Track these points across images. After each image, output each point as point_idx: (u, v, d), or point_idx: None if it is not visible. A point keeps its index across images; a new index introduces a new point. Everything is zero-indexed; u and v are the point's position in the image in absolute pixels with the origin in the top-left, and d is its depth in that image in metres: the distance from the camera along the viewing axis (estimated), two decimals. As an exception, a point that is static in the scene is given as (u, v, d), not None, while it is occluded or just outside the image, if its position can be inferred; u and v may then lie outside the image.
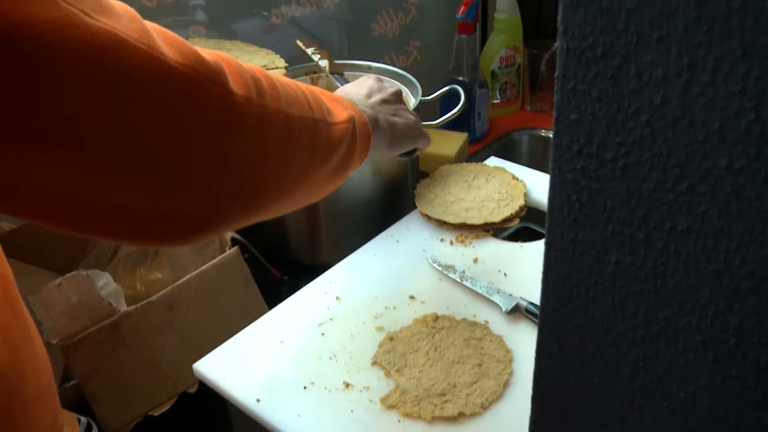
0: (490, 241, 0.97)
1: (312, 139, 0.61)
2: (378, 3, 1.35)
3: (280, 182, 0.57)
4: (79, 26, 0.39)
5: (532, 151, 1.55)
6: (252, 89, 0.52)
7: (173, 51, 0.45)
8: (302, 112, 0.59)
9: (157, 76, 0.43)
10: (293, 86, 0.60)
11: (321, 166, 0.64)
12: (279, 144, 0.55)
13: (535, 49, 1.52)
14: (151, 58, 0.43)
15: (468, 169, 1.09)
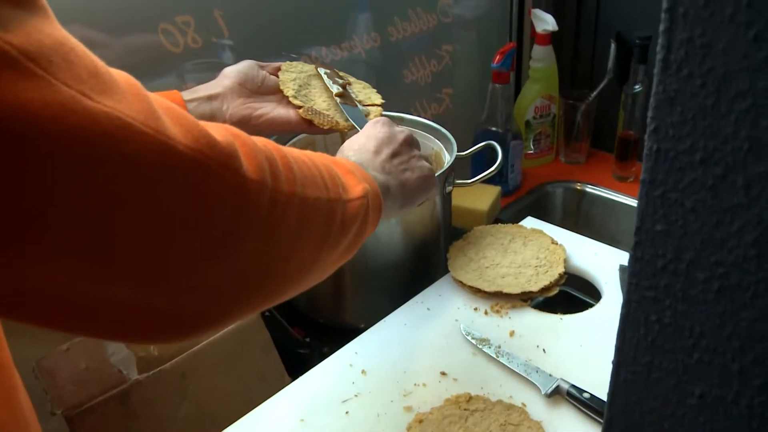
0: (528, 312, 0.91)
1: (327, 221, 0.57)
2: (411, 50, 1.31)
3: (289, 270, 0.53)
4: (78, 111, 0.35)
5: (566, 204, 1.49)
6: (266, 172, 0.48)
7: (182, 133, 0.41)
8: (318, 192, 0.55)
9: (164, 164, 0.39)
10: (309, 163, 0.56)
11: (334, 247, 0.59)
12: (292, 231, 0.51)
13: (570, 99, 1.47)
14: (158, 144, 0.39)
15: (504, 231, 1.03)
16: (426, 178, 0.78)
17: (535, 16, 1.42)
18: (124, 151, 0.37)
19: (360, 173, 0.65)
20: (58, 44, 0.36)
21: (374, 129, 0.78)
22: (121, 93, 0.39)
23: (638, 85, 1.36)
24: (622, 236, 1.44)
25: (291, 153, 0.54)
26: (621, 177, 1.46)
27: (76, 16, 0.87)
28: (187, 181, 0.41)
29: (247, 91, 0.90)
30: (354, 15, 1.21)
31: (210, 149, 0.42)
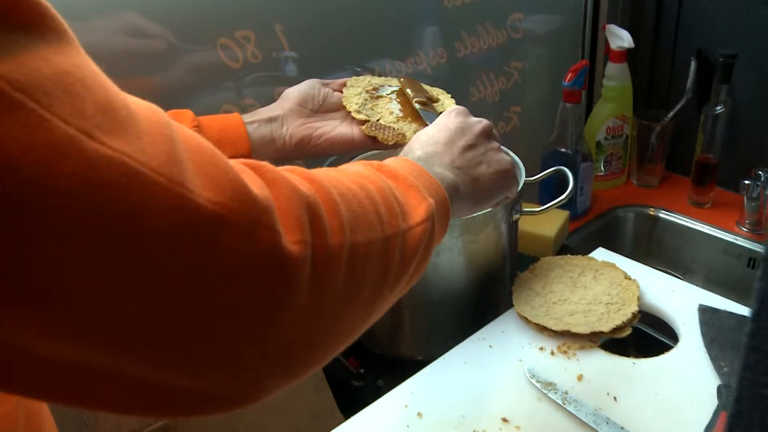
0: (597, 354, 0.84)
1: (383, 263, 0.50)
2: (479, 66, 1.26)
3: (340, 328, 0.46)
4: (72, 154, 0.30)
5: (637, 230, 1.41)
6: (306, 230, 0.40)
7: (207, 182, 0.35)
8: (371, 234, 0.48)
9: (177, 219, 0.33)
10: (360, 196, 0.49)
11: (394, 286, 0.52)
12: (340, 289, 0.44)
13: (645, 120, 1.39)
14: (171, 195, 0.33)
15: (573, 264, 0.96)
16: (504, 173, 0.71)
17: (610, 32, 1.35)
18: (127, 204, 0.31)
19: (424, 183, 0.59)
20: (61, 73, 0.31)
21: (447, 119, 0.72)
22: (137, 132, 0.33)
23: (720, 106, 1.28)
24: (697, 266, 1.36)
25: (339, 188, 0.47)
26: (697, 203, 1.38)
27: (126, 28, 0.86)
28: (206, 241, 0.34)
29: (307, 111, 0.87)
30: (420, 29, 1.17)
31: (239, 203, 0.36)
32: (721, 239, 1.30)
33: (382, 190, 0.52)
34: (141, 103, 0.36)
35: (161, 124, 0.35)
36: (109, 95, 0.33)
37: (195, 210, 0.34)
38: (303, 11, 0.99)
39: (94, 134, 0.31)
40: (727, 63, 1.25)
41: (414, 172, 0.59)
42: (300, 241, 0.39)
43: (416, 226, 0.54)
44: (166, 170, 0.33)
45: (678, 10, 1.37)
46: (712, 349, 0.82)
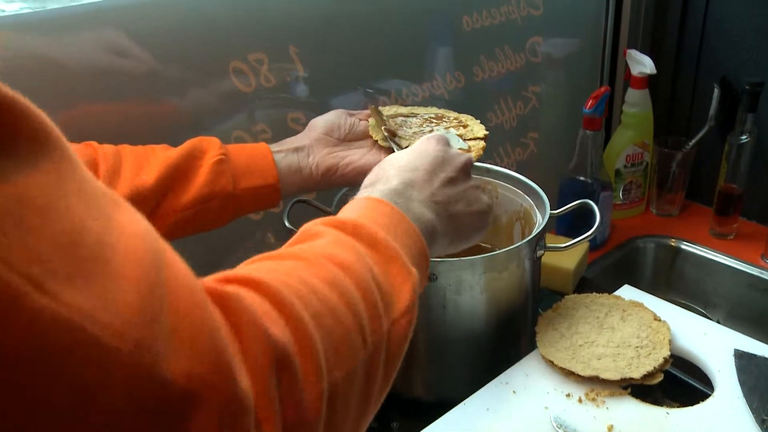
0: (628, 402, 0.79)
1: (367, 386, 0.44)
2: (496, 91, 1.21)
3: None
4: (21, 315, 0.24)
5: (658, 262, 1.36)
6: (274, 396, 0.35)
7: (183, 349, 0.29)
8: (353, 358, 0.42)
9: (141, 396, 0.28)
10: (340, 310, 0.42)
11: (379, 398, 0.47)
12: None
13: (666, 148, 1.35)
14: (135, 367, 0.27)
15: (599, 303, 0.92)
16: (482, 215, 0.67)
17: (631, 58, 1.31)
18: (81, 379, 0.26)
19: (404, 239, 0.53)
20: (18, 201, 0.26)
21: (428, 145, 0.66)
22: (107, 275, 0.27)
23: (745, 135, 1.23)
24: (720, 300, 1.31)
25: (315, 306, 0.40)
26: (720, 234, 1.33)
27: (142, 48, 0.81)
28: (171, 421, 0.29)
29: (333, 140, 0.84)
30: (438, 52, 1.13)
31: (218, 377, 0.30)
32: (745, 272, 1.25)
33: (363, 284, 0.46)
34: (130, 231, 0.30)
35: (146, 261, 0.29)
36: (80, 226, 0.28)
37: (162, 385, 0.28)
38: (318, 32, 0.96)
39: (46, 284, 0.25)
40: (754, 91, 1.20)
41: (392, 222, 0.54)
42: (270, 416, 0.34)
43: (401, 318, 0.49)
44: (134, 332, 0.27)
45: (701, 35, 1.33)
46: (752, 400, 0.77)
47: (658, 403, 0.82)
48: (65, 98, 0.78)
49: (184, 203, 0.74)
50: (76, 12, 0.79)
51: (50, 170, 0.28)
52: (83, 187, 0.29)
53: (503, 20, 1.17)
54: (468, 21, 1.12)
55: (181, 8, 0.84)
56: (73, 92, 0.78)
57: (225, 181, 0.76)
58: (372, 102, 1.06)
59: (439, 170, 0.64)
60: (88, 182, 0.30)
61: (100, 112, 0.81)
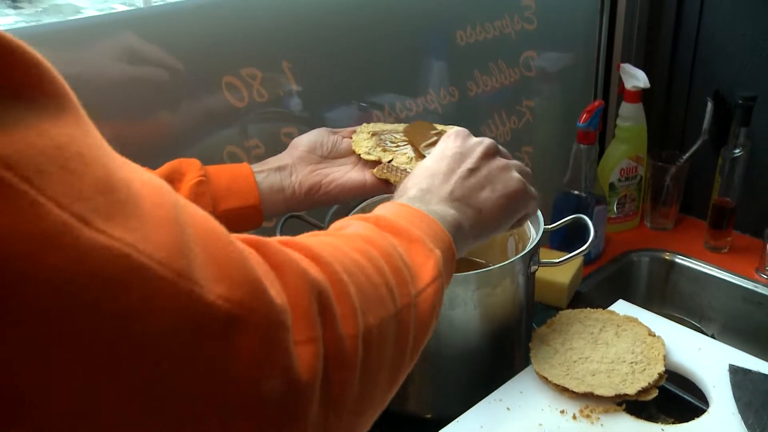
0: (623, 419, 0.79)
1: (399, 342, 0.46)
2: (490, 105, 1.21)
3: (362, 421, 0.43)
4: (66, 245, 0.26)
5: (652, 276, 1.36)
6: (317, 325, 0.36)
7: (219, 275, 0.31)
8: (384, 311, 0.44)
9: (186, 321, 0.29)
10: (368, 269, 0.45)
11: (411, 361, 0.49)
12: (356, 386, 0.40)
13: (660, 161, 1.35)
14: (179, 293, 0.29)
15: (593, 318, 0.91)
16: (513, 194, 0.66)
17: (625, 72, 1.31)
18: (128, 303, 0.27)
19: (427, 231, 0.54)
20: (57, 147, 0.27)
21: (445, 145, 0.67)
22: (140, 216, 0.29)
23: (738, 149, 1.24)
24: (714, 314, 1.31)
25: (345, 263, 0.43)
26: (714, 247, 1.33)
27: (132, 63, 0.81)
28: (218, 345, 0.30)
29: (316, 158, 0.83)
30: (432, 67, 1.13)
31: (256, 300, 0.32)
32: (740, 286, 1.25)
33: (388, 254, 0.48)
34: (145, 180, 0.32)
35: (167, 205, 0.31)
36: (110, 172, 0.29)
37: (206, 309, 0.30)
38: (311, 47, 0.95)
39: (91, 220, 0.27)
40: (747, 105, 1.21)
41: (414, 219, 0.55)
42: (311, 339, 0.35)
43: (427, 287, 0.50)
44: (174, 263, 0.29)
45: (694, 49, 1.33)
46: (747, 416, 0.76)
47: (653, 419, 0.82)
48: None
49: None
50: (67, 27, 0.79)
51: (75, 124, 0.29)
52: (100, 143, 0.31)
53: (497, 35, 1.17)
54: (462, 35, 1.12)
55: (172, 24, 0.84)
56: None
57: (204, 203, 0.74)
58: (366, 116, 1.06)
59: (456, 166, 0.64)
60: (102, 140, 0.31)
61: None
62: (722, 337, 1.30)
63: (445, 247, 0.55)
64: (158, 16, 0.84)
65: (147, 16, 0.84)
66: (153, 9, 0.85)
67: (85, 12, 0.87)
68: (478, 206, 0.63)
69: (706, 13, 1.30)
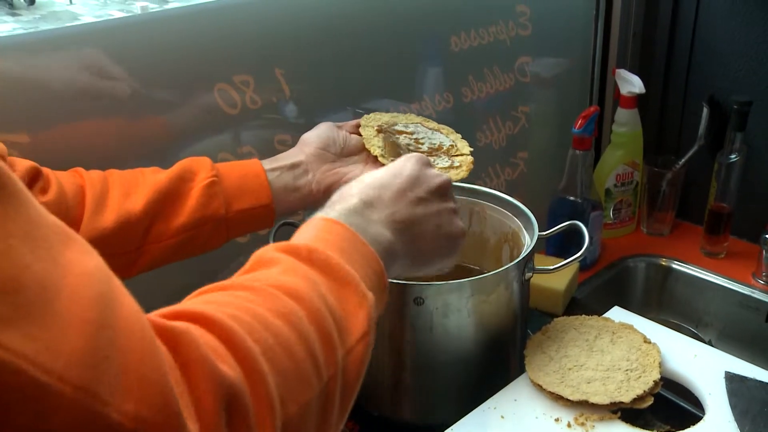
0: (618, 427, 0.78)
1: (322, 418, 0.43)
2: (485, 111, 1.21)
3: None
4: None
5: (649, 281, 1.35)
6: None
7: (130, 390, 0.29)
8: (308, 392, 0.41)
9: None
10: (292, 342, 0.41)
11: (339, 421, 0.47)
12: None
13: (656, 167, 1.35)
14: (78, 410, 0.27)
15: (588, 325, 0.91)
16: (451, 240, 0.64)
17: (620, 77, 1.31)
18: (22, 421, 0.25)
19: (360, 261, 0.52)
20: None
21: (404, 164, 0.64)
22: (49, 318, 0.27)
23: (734, 154, 1.23)
24: (711, 319, 1.30)
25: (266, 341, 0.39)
26: (710, 253, 1.33)
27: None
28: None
29: (331, 156, 0.83)
30: (426, 73, 1.13)
31: (164, 418, 0.29)
32: (737, 291, 1.25)
33: (317, 313, 0.45)
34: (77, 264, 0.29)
35: (92, 300, 0.29)
36: (19, 269, 0.27)
37: (107, 427, 0.27)
38: (304, 54, 0.95)
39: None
40: (742, 110, 1.20)
41: (348, 247, 0.52)
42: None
43: (356, 345, 0.48)
44: (75, 374, 0.27)
45: (689, 54, 1.33)
46: (743, 423, 0.76)
47: (649, 427, 0.81)
48: (48, 119, 0.77)
49: (176, 228, 0.73)
50: (59, 34, 0.78)
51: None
52: (29, 227, 0.28)
53: (491, 40, 1.17)
54: (456, 41, 1.12)
55: (165, 30, 0.84)
56: (58, 113, 0.78)
57: (217, 205, 0.74)
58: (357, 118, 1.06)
59: (409, 190, 0.62)
60: (36, 221, 0.29)
61: (84, 133, 0.80)
62: (719, 342, 1.29)
63: (377, 281, 0.53)
64: (151, 23, 0.84)
65: (140, 23, 0.84)
66: (146, 16, 0.85)
67: (83, 19, 0.87)
68: (416, 236, 0.61)
69: (701, 18, 1.29)
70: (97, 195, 0.70)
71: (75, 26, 0.81)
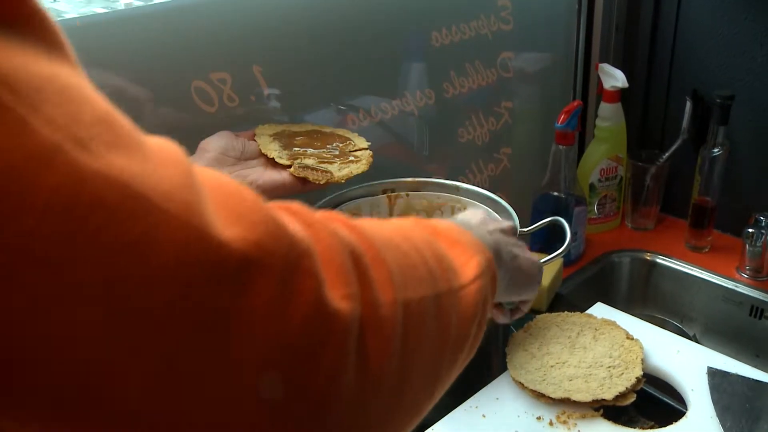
0: (601, 425, 0.78)
1: (440, 326, 0.41)
2: (468, 107, 1.20)
3: (400, 412, 0.38)
4: (59, 166, 0.23)
5: (633, 277, 1.35)
6: (353, 281, 0.33)
7: (232, 217, 0.28)
8: (423, 289, 0.39)
9: (194, 259, 0.26)
10: (406, 248, 0.40)
11: (454, 356, 0.44)
12: (397, 357, 0.35)
13: (640, 161, 1.34)
14: (186, 228, 0.26)
15: (570, 322, 0.90)
16: (534, 267, 0.65)
17: (603, 72, 1.30)
18: (127, 235, 0.24)
19: (470, 242, 0.50)
20: (52, 75, 0.25)
21: (475, 213, 0.65)
22: (143, 151, 0.27)
23: (718, 148, 1.23)
24: (696, 314, 1.30)
25: (381, 236, 0.39)
26: (695, 247, 1.32)
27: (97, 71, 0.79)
28: (231, 288, 0.27)
29: (231, 159, 0.83)
30: (407, 69, 1.12)
31: (274, 241, 0.28)
32: (721, 286, 1.25)
33: (426, 240, 0.44)
34: (153, 139, 0.30)
35: (175, 151, 0.29)
36: (108, 109, 0.27)
37: (217, 247, 0.26)
38: (282, 50, 0.94)
39: (88, 145, 0.24)
40: (725, 104, 1.20)
41: (455, 230, 0.51)
42: (347, 295, 0.31)
43: (469, 284, 0.46)
44: (180, 196, 0.26)
45: (672, 49, 1.33)
46: (725, 419, 0.76)
47: (632, 423, 0.81)
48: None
49: None
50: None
51: (71, 70, 0.27)
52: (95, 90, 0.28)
53: (473, 35, 1.16)
54: (437, 37, 1.11)
55: (139, 27, 0.82)
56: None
57: None
58: (343, 119, 1.05)
59: (490, 223, 0.62)
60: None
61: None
62: (704, 337, 1.29)
63: (486, 259, 0.50)
64: (126, 19, 0.82)
65: (114, 20, 0.82)
66: (117, 13, 0.83)
67: (66, 16, 0.85)
68: (514, 256, 0.61)
69: (683, 12, 1.29)
70: None
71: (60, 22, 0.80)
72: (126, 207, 0.25)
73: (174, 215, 0.26)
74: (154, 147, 0.28)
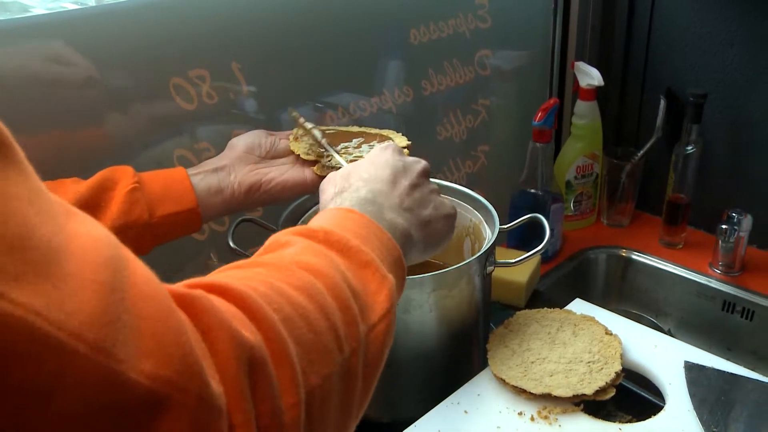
0: (581, 419, 0.78)
1: (346, 393, 0.42)
2: (445, 104, 1.21)
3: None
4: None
5: (609, 273, 1.37)
6: (248, 398, 0.33)
7: (148, 351, 0.27)
8: (329, 364, 0.40)
9: (101, 399, 0.26)
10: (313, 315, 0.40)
11: (361, 406, 0.46)
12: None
13: (615, 158, 1.36)
14: (93, 368, 0.26)
15: (550, 318, 0.91)
16: (449, 218, 0.67)
17: (579, 70, 1.32)
18: (34, 379, 0.24)
19: (378, 245, 0.51)
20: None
21: (384, 154, 0.66)
22: (60, 278, 0.26)
23: (691, 146, 1.25)
24: (671, 309, 1.32)
25: (286, 312, 0.38)
26: (669, 243, 1.34)
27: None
28: (140, 427, 0.27)
29: (254, 158, 0.83)
30: (385, 67, 1.12)
31: (187, 380, 0.28)
32: (694, 281, 1.27)
33: (337, 287, 0.44)
34: (84, 234, 0.28)
35: (102, 264, 0.28)
36: (28, 228, 0.26)
37: (125, 387, 0.26)
38: (261, 47, 0.93)
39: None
40: (698, 102, 1.22)
41: (365, 232, 0.52)
42: (245, 422, 0.32)
43: (378, 323, 0.47)
44: (90, 333, 0.26)
45: (646, 47, 1.34)
46: (702, 412, 0.77)
47: (612, 417, 0.82)
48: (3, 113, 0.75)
49: None
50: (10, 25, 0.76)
51: (1, 171, 0.26)
52: (33, 195, 0.27)
53: (451, 33, 1.16)
54: (415, 34, 1.11)
55: (116, 23, 0.81)
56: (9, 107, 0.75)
57: (140, 210, 0.72)
58: (321, 117, 1.04)
59: (401, 178, 0.63)
60: (39, 190, 0.28)
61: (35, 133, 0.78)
62: (678, 331, 1.31)
63: (396, 266, 0.54)
64: (102, 15, 0.81)
65: (91, 15, 0.81)
66: (97, 9, 0.82)
67: (34, 11, 0.84)
68: (425, 221, 0.63)
69: (657, 12, 1.31)
70: None
71: (24, 18, 0.79)
72: (32, 350, 0.24)
73: (82, 355, 0.25)
74: (74, 262, 0.27)
